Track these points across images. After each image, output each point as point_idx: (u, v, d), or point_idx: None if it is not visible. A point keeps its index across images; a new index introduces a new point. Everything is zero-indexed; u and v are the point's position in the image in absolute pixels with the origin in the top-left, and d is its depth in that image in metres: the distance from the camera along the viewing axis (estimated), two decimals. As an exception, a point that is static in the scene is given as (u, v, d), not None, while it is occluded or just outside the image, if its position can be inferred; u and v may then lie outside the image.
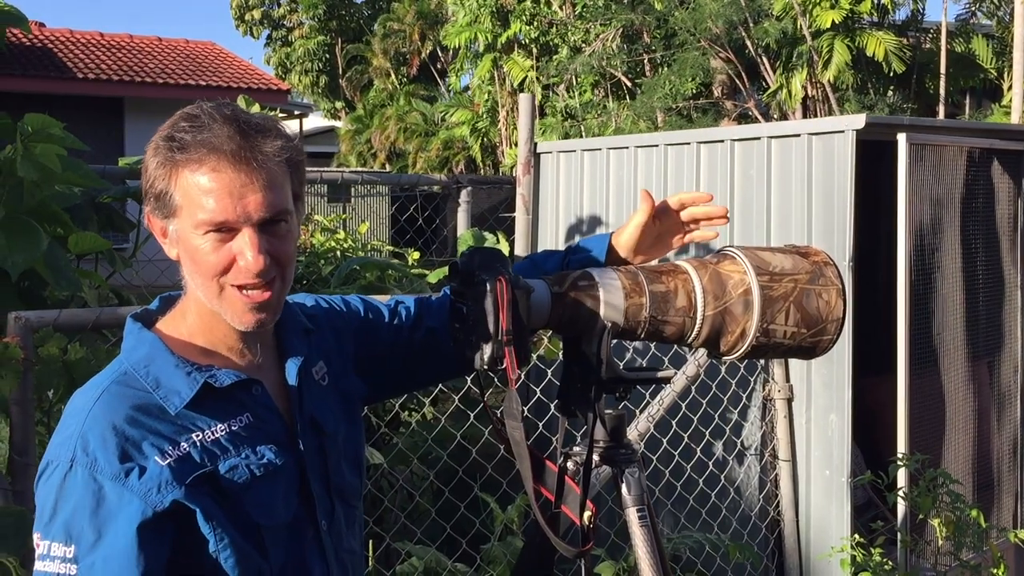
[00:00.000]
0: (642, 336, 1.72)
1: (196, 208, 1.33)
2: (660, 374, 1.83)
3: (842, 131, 3.70)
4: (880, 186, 4.62)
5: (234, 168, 1.32)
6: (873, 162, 4.27)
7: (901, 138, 3.75)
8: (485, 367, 1.54)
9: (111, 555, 1.28)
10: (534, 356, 3.68)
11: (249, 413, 1.41)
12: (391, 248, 5.99)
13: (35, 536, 1.32)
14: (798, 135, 3.86)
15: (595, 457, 1.74)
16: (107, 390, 1.35)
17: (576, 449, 1.75)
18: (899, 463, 3.54)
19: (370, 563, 3.22)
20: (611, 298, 1.66)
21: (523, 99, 4.89)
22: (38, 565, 1.31)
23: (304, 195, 1.51)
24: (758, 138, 4.00)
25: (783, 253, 1.77)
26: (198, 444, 1.35)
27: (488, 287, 1.54)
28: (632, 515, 1.75)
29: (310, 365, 1.53)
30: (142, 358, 1.39)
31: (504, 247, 4.81)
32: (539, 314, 1.64)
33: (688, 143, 4.27)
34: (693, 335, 1.72)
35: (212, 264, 1.35)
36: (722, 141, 4.13)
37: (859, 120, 3.67)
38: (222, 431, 1.37)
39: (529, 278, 1.66)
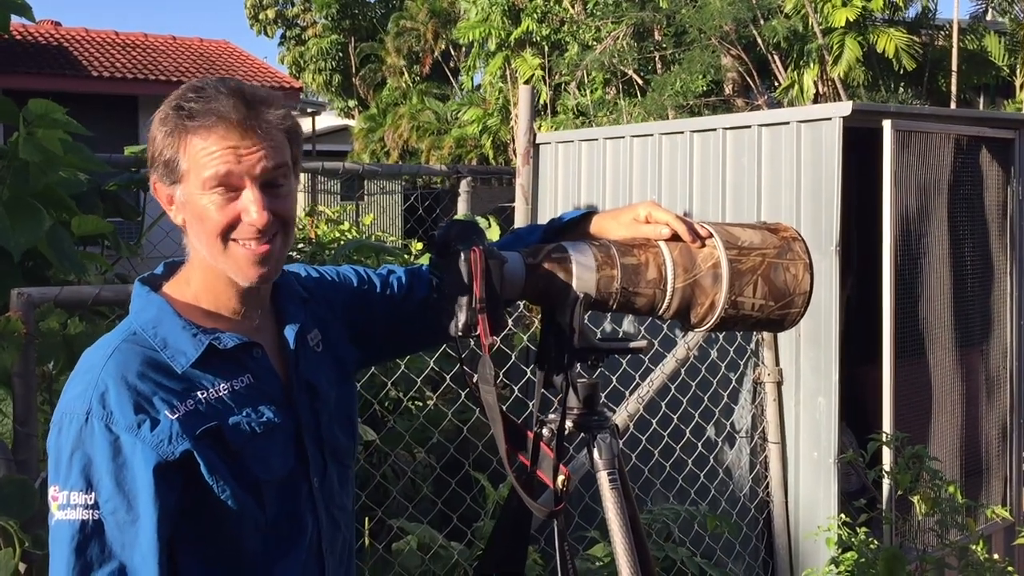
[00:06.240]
0: (614, 307, 1.77)
1: (202, 167, 1.41)
2: (633, 344, 1.88)
3: (829, 118, 3.76)
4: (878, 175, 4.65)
5: (240, 135, 1.41)
6: (872, 151, 4.31)
7: (886, 124, 3.80)
8: (460, 334, 1.60)
9: (131, 498, 1.36)
10: (524, 338, 3.75)
11: (250, 374, 1.49)
12: (395, 239, 6.07)
13: (52, 489, 1.37)
14: (787, 123, 3.92)
15: (568, 424, 1.81)
16: (118, 348, 1.42)
17: (551, 416, 1.82)
18: (877, 439, 3.59)
19: (366, 540, 3.29)
20: (583, 270, 1.71)
21: (523, 90, 4.96)
22: (58, 515, 1.36)
23: (301, 162, 1.59)
24: (748, 126, 4.06)
25: (753, 228, 1.82)
26: (203, 401, 1.42)
27: (463, 256, 1.60)
28: (603, 478, 1.80)
29: (306, 332, 1.60)
30: (150, 319, 1.46)
31: (496, 231, 4.88)
32: (513, 284, 1.69)
33: (681, 132, 4.34)
34: (664, 307, 1.77)
35: (217, 221, 1.43)
36: (714, 130, 4.19)
37: (846, 107, 3.73)
38: (225, 390, 1.45)
39: (509, 250, 1.74)
